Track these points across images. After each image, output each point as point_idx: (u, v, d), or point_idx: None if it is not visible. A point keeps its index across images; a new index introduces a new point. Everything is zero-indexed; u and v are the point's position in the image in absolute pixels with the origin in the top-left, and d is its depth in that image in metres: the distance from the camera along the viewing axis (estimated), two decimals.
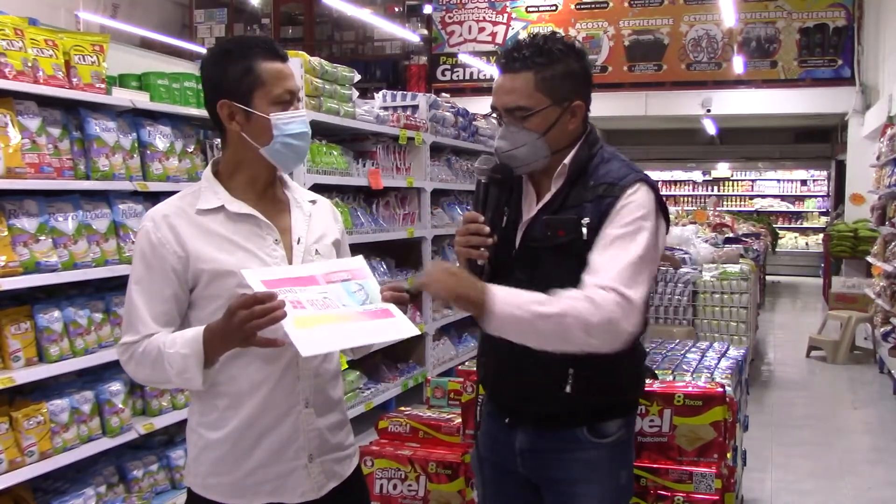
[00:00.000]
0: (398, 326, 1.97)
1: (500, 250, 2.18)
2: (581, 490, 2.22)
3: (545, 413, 2.22)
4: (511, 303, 1.96)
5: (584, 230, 2.09)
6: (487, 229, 2.13)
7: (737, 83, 13.70)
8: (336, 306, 1.92)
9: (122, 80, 4.21)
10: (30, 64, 3.49)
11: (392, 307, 2.00)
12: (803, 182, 20.26)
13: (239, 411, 2.03)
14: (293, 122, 2.06)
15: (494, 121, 2.23)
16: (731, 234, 11.16)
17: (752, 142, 18.57)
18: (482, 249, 2.12)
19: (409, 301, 2.08)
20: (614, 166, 2.16)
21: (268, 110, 2.04)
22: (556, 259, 2.14)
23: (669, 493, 2.68)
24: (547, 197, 2.19)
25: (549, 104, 2.13)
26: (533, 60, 2.12)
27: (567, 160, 2.17)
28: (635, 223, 2.06)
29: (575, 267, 2.08)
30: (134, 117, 4.06)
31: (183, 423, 4.12)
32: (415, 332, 1.98)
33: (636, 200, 2.09)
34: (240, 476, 2.04)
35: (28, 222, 3.48)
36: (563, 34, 2.30)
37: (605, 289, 1.97)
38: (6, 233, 3.37)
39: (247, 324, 1.81)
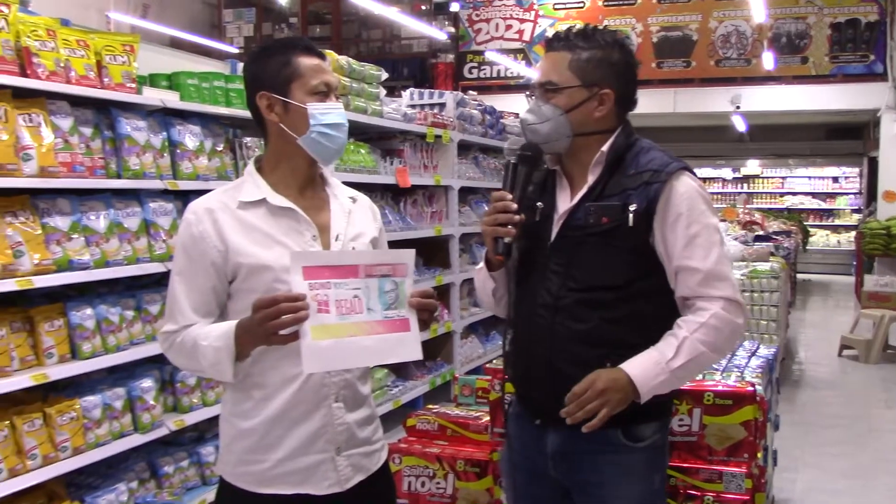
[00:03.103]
0: (406, 347, 2.00)
1: (534, 244, 2.19)
2: (613, 494, 2.20)
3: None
4: (650, 374, 2.05)
5: (631, 216, 2.11)
6: (515, 206, 2.15)
7: (767, 79, 13.54)
8: (361, 310, 1.94)
9: (152, 80, 4.24)
10: (62, 64, 3.53)
11: (412, 318, 2.01)
12: (835, 179, 20.02)
13: (270, 403, 2.07)
14: (330, 112, 2.11)
15: (529, 100, 2.28)
16: (761, 232, 11.04)
17: (782, 138, 18.36)
18: (509, 227, 2.14)
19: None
20: (656, 155, 2.20)
21: (304, 100, 2.10)
22: (596, 246, 2.16)
23: (699, 493, 2.66)
24: (585, 187, 2.20)
25: (578, 85, 2.18)
26: (573, 42, 2.21)
27: (605, 147, 2.20)
28: (702, 217, 2.13)
29: (615, 254, 2.13)
30: (164, 116, 4.10)
31: (213, 419, 4.16)
32: (418, 356, 2.01)
33: (687, 191, 2.14)
34: (268, 466, 2.07)
35: (61, 221, 3.53)
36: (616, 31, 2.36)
37: (719, 300, 2.09)
38: (40, 231, 3.41)
39: (269, 322, 1.85)
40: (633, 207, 2.12)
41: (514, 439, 2.39)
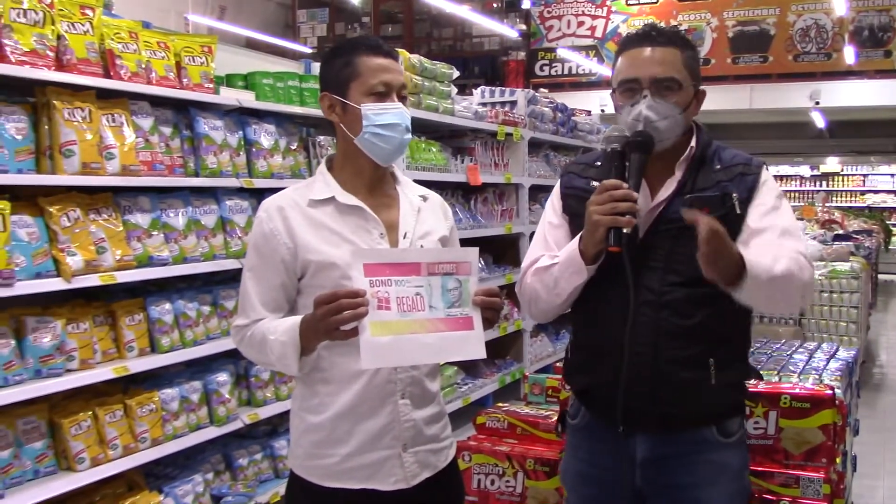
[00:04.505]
0: (468, 345, 1.99)
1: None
2: (708, 494, 2.16)
3: (677, 415, 2.13)
4: (754, 265, 1.98)
5: (737, 204, 2.12)
6: (636, 194, 2.06)
7: (848, 74, 13.17)
8: (423, 308, 1.94)
9: (229, 80, 4.33)
10: (143, 66, 3.63)
11: (476, 316, 2.00)
12: None
13: (338, 398, 2.10)
14: (384, 112, 2.11)
15: (618, 96, 2.21)
16: (840, 231, 10.74)
17: (863, 135, 17.83)
18: (628, 217, 2.02)
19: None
20: (735, 151, 2.26)
21: (361, 100, 2.11)
22: (696, 238, 2.07)
23: (775, 498, 2.60)
24: (674, 182, 2.17)
25: (691, 83, 2.17)
26: (676, 40, 2.17)
27: (693, 143, 2.20)
28: (780, 197, 2.20)
29: None
30: (240, 116, 4.18)
31: (285, 413, 4.23)
32: (482, 354, 2.00)
33: (772, 182, 2.21)
34: (336, 460, 2.10)
35: (141, 218, 3.63)
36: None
37: (797, 251, 2.09)
38: (121, 228, 3.52)
39: (329, 318, 1.88)
40: (735, 196, 2.13)
41: (582, 451, 2.34)
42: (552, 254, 2.24)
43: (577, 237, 2.15)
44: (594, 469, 2.29)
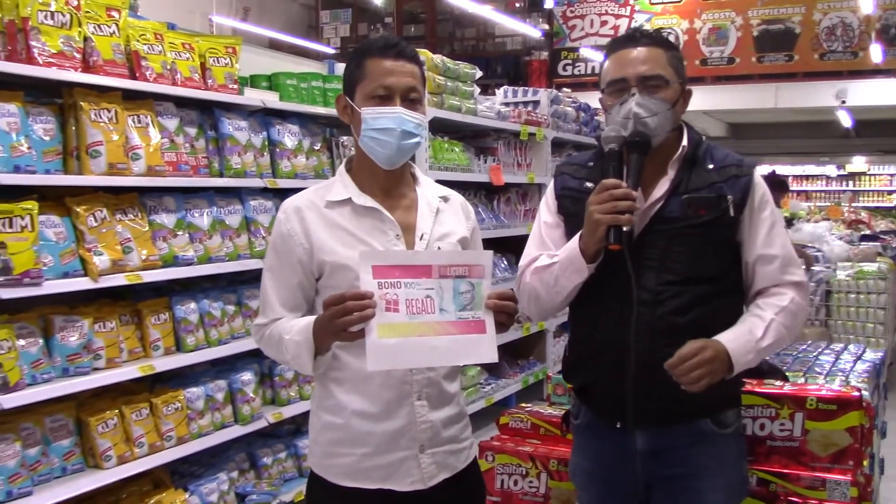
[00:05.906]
0: (480, 348, 1.98)
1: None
2: (708, 484, 2.21)
3: (673, 409, 2.16)
4: (742, 351, 2.10)
5: (731, 207, 2.15)
6: (635, 193, 2.10)
7: (875, 73, 13.01)
8: (432, 311, 1.94)
9: (252, 81, 4.35)
10: (168, 67, 3.66)
11: (489, 320, 2.00)
12: None
13: (354, 398, 2.11)
14: (380, 117, 2.09)
15: (606, 97, 2.25)
16: (867, 232, 10.63)
17: (890, 134, 17.58)
18: (628, 215, 2.06)
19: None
20: (727, 151, 2.29)
21: (362, 104, 2.11)
22: (692, 239, 2.16)
23: (801, 500, 2.58)
24: (667, 181, 2.19)
25: (677, 80, 2.20)
26: (660, 40, 2.22)
27: (685, 142, 2.23)
28: (773, 206, 2.23)
29: (709, 246, 2.16)
30: (264, 116, 4.20)
31: (309, 413, 4.24)
32: (493, 359, 1.99)
33: (762, 183, 2.23)
34: (352, 460, 2.11)
35: (167, 218, 3.66)
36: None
37: (794, 286, 2.20)
38: (147, 228, 3.55)
39: (336, 319, 1.89)
40: (730, 198, 2.15)
41: (586, 449, 2.38)
42: (550, 252, 2.27)
43: (577, 236, 2.17)
44: (600, 466, 2.33)
